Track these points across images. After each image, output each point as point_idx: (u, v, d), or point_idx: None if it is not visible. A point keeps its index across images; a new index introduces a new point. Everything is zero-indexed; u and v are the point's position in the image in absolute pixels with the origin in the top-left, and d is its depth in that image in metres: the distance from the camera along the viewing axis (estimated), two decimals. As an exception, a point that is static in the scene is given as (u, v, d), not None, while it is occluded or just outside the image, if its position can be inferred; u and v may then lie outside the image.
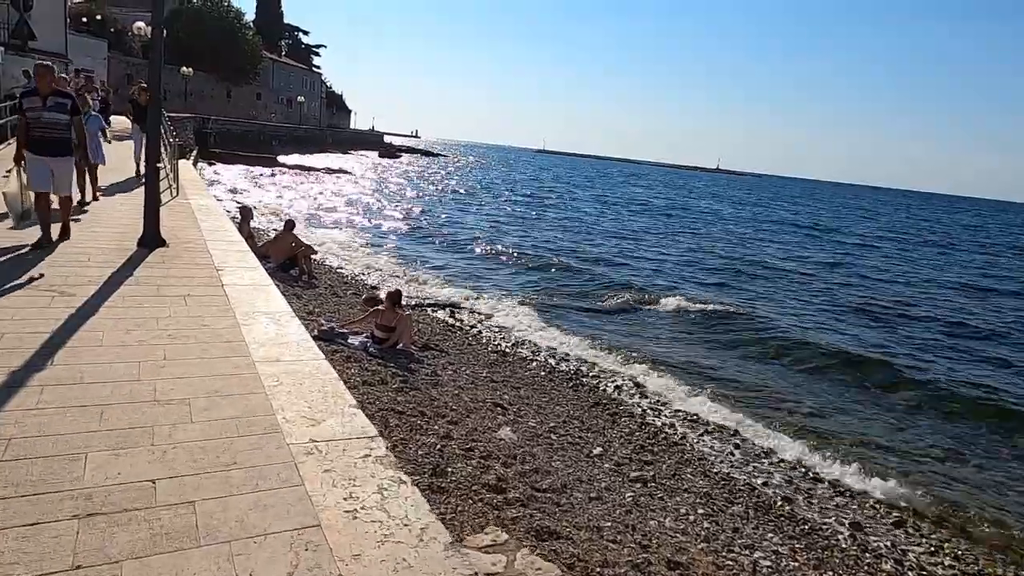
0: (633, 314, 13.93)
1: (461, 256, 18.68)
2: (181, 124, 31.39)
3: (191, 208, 10.25)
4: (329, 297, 10.74)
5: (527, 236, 24.36)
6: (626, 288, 16.01)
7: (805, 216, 56.49)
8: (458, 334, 10.40)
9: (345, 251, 17.20)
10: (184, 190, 12.17)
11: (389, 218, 26.23)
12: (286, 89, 78.24)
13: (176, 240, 7.63)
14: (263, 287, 6.09)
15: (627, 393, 8.70)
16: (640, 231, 31.21)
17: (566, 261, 19.11)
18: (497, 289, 14.62)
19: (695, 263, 22.06)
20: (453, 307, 12.46)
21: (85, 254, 6.48)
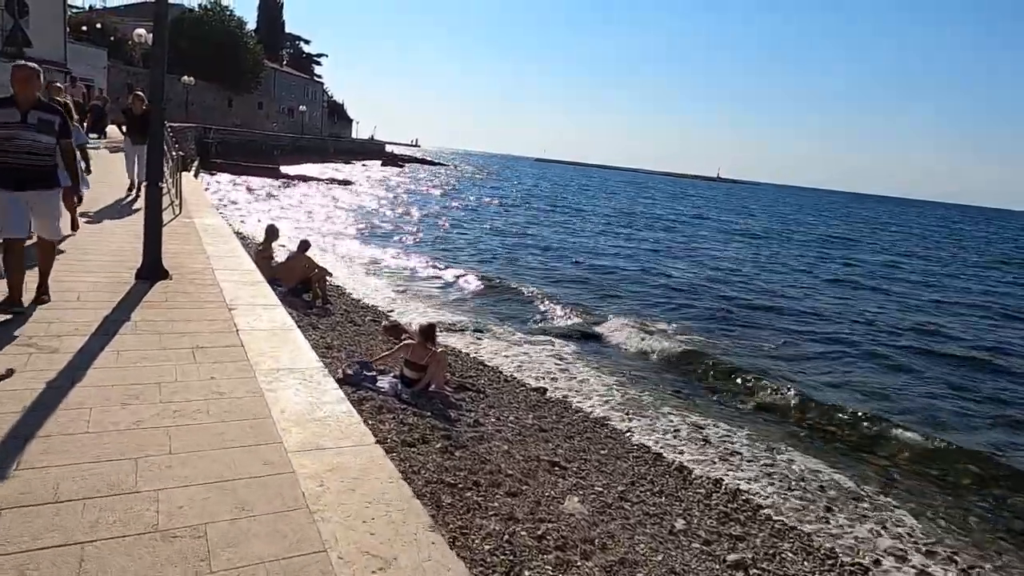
0: (677, 331, 12.89)
1: (478, 274, 17.62)
2: (183, 134, 30.53)
3: (196, 229, 9.28)
4: (347, 326, 9.75)
5: (547, 253, 23.06)
6: (670, 309, 15.09)
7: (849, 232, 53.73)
8: (489, 367, 9.40)
9: (357, 269, 16.23)
10: (188, 207, 11.23)
11: (399, 233, 25.09)
12: (288, 98, 77.56)
13: (180, 269, 6.66)
14: (285, 332, 5.10)
15: (689, 440, 7.69)
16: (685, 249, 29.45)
17: (597, 280, 18.02)
18: (521, 311, 13.61)
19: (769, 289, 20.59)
20: (478, 332, 11.47)
21: (73, 291, 5.49)
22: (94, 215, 9.07)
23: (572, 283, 17.25)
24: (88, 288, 5.65)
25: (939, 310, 19.08)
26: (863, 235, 50.78)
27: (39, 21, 33.96)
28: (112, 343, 4.38)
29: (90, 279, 5.95)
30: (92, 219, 8.70)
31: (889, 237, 51.97)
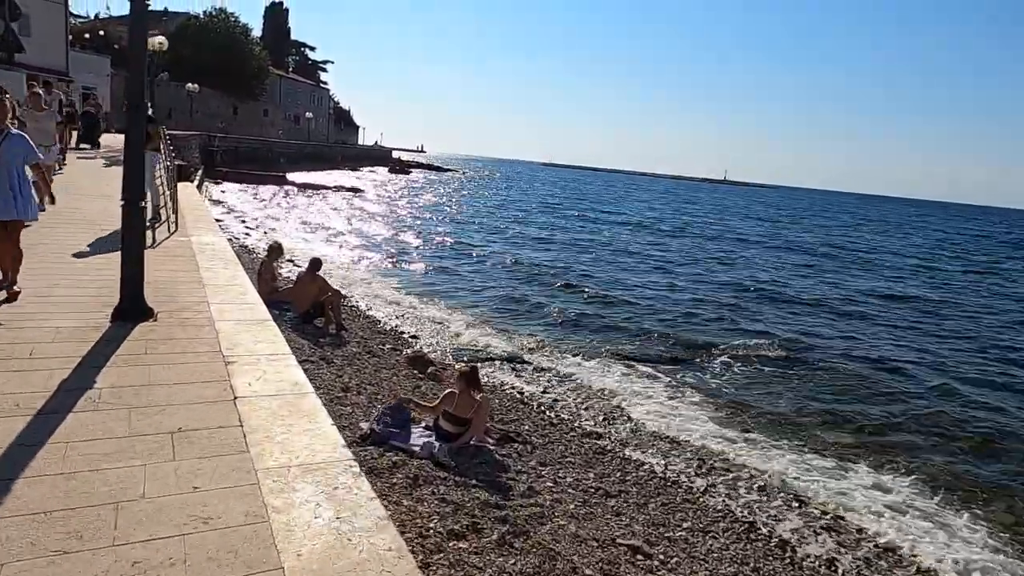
0: (743, 365, 11.41)
1: (500, 290, 16.30)
2: (187, 142, 29.51)
3: (192, 250, 8.10)
4: (365, 358, 8.54)
5: (572, 267, 21.23)
6: (720, 328, 13.75)
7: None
8: (532, 406, 8.17)
9: (371, 286, 15.03)
10: (185, 223, 10.07)
11: (412, 244, 23.79)
12: (293, 105, 76.76)
13: (169, 304, 5.46)
14: (298, 398, 3.89)
15: (784, 506, 6.42)
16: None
17: (626, 297, 16.59)
18: (557, 335, 12.33)
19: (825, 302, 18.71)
20: (512, 361, 10.22)
21: (28, 342, 4.31)
22: (87, 241, 7.88)
23: (611, 304, 15.74)
24: (48, 337, 4.46)
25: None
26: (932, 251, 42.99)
27: (41, 29, 33.16)
28: (61, 430, 3.18)
29: (55, 322, 4.75)
30: (81, 248, 7.50)
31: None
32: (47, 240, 7.58)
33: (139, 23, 4.67)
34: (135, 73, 4.78)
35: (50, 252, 7.04)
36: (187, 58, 52.44)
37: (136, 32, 4.67)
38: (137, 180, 4.86)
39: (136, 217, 4.90)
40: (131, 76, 4.81)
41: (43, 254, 6.89)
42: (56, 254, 7.00)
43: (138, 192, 4.90)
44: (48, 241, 7.54)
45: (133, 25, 4.62)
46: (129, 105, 4.74)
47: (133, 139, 4.82)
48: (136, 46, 4.67)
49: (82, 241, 7.79)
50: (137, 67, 4.80)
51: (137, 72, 4.76)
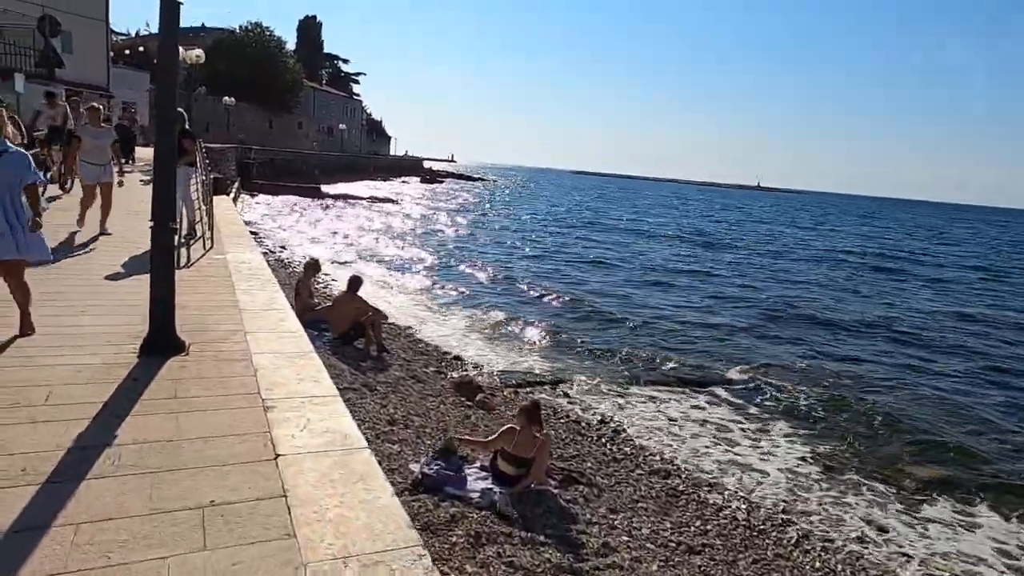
0: (816, 390, 10.37)
1: (545, 307, 15.63)
2: (223, 155, 29.60)
3: (228, 269, 7.63)
4: (409, 383, 7.96)
5: (621, 285, 19.99)
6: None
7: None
8: (590, 437, 7.49)
9: (409, 303, 14.50)
10: (221, 239, 9.65)
11: (449, 258, 23.03)
12: (327, 117, 77.50)
13: (203, 335, 4.95)
14: (348, 455, 3.29)
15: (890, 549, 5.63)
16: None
17: (682, 316, 15.62)
18: (607, 354, 11.59)
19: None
20: (560, 383, 9.56)
21: (46, 383, 3.81)
22: (120, 261, 7.47)
23: (666, 323, 14.80)
24: (69, 376, 3.95)
25: None
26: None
27: (83, 46, 33.74)
28: (71, 506, 2.63)
29: (77, 359, 4.26)
30: (113, 270, 7.07)
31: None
32: (78, 260, 7.20)
33: (170, 27, 4.16)
34: (165, 81, 4.28)
35: (79, 273, 6.63)
36: (224, 72, 53.16)
37: (166, 38, 4.17)
38: (167, 199, 4.35)
39: (166, 241, 4.38)
40: (160, 84, 4.31)
41: (72, 275, 6.49)
42: (85, 276, 6.57)
43: (168, 212, 4.39)
44: (79, 261, 7.17)
45: (163, 29, 4.11)
46: (158, 116, 4.23)
47: (163, 154, 4.31)
48: (167, 52, 4.17)
49: (114, 261, 7.36)
50: (167, 76, 4.30)
51: (167, 80, 4.27)
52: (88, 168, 8.77)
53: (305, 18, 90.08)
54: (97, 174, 8.75)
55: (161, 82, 4.36)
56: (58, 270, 6.70)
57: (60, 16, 25.47)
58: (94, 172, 8.74)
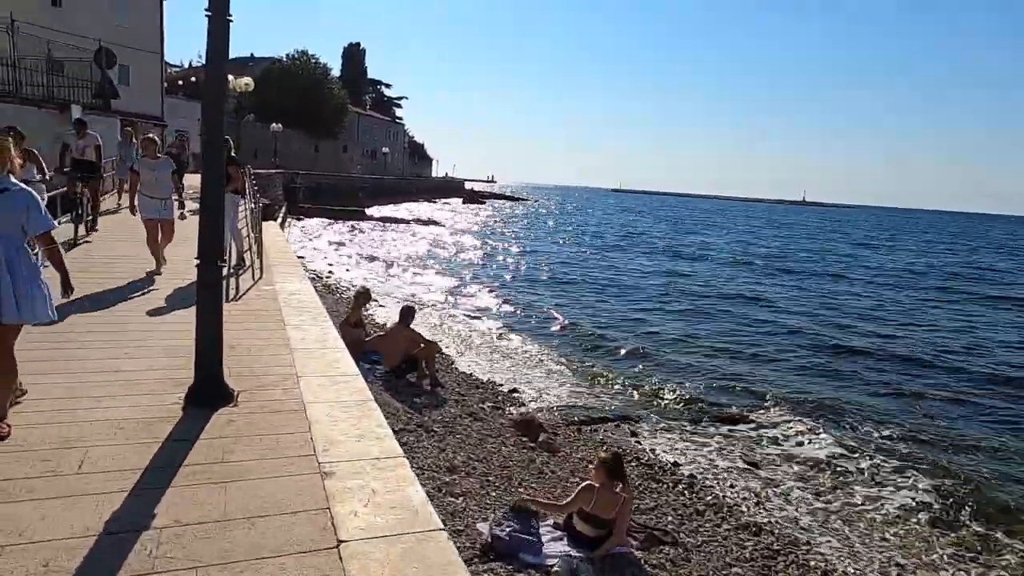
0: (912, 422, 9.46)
1: (600, 331, 14.96)
2: (270, 180, 29.99)
3: (278, 301, 7.27)
4: (467, 422, 7.43)
5: (679, 309, 18.91)
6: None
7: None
8: (666, 484, 6.81)
9: (459, 330, 14.01)
10: (270, 266, 9.36)
11: (497, 281, 22.48)
12: (371, 141, 78.71)
13: (252, 379, 4.53)
14: (426, 543, 2.75)
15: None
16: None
17: (748, 339, 14.77)
18: (667, 385, 10.85)
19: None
20: (626, 421, 8.88)
21: (81, 439, 3.40)
22: (164, 293, 7.19)
23: (731, 349, 13.94)
24: (107, 434, 3.54)
25: None
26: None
27: (139, 77, 34.89)
28: (96, 620, 2.15)
29: (117, 412, 3.85)
30: (158, 305, 6.77)
31: None
32: (123, 295, 6.92)
33: (218, 43, 3.78)
34: (211, 102, 3.90)
35: (123, 309, 6.32)
36: (272, 100, 54.45)
37: (215, 54, 3.78)
38: (214, 234, 3.94)
39: (213, 280, 3.97)
40: (207, 105, 3.92)
41: (115, 312, 6.18)
42: (128, 312, 6.26)
43: (216, 248, 3.98)
44: (123, 295, 6.87)
45: (212, 44, 3.73)
46: (205, 142, 3.83)
47: (210, 184, 3.91)
48: (215, 69, 3.78)
49: (159, 295, 7.08)
50: (214, 97, 3.92)
51: (214, 101, 3.88)
52: (147, 202, 8.12)
53: (349, 45, 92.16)
54: (156, 208, 8.10)
55: (208, 101, 3.95)
56: (103, 308, 6.43)
57: (118, 50, 26.22)
58: (153, 206, 8.09)
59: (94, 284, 7.29)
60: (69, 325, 5.61)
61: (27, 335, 5.11)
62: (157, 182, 8.03)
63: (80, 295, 6.49)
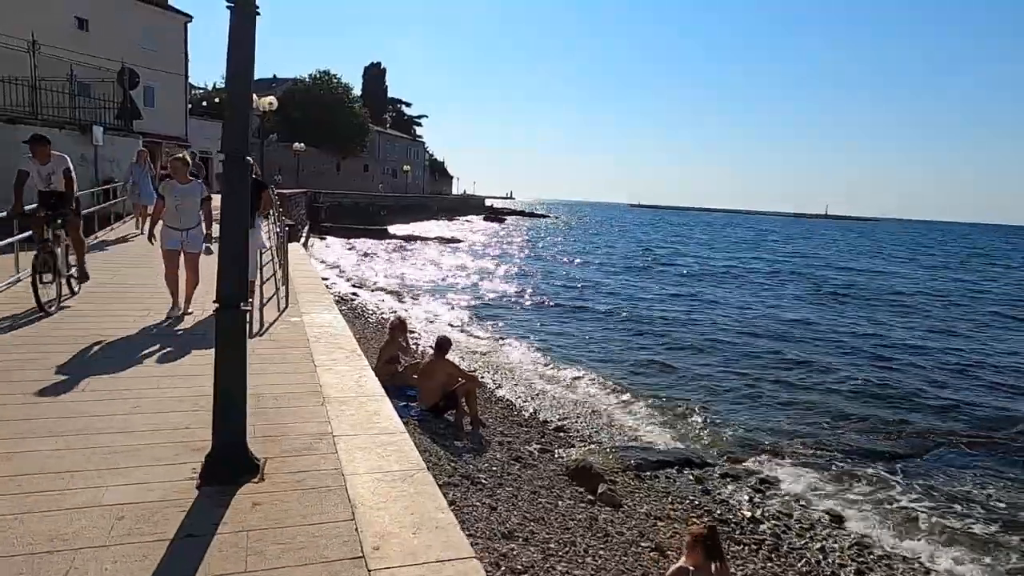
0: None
1: (644, 353, 14.03)
2: (293, 200, 29.65)
3: (307, 335, 6.56)
4: (515, 470, 6.62)
5: (728, 333, 17.28)
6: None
7: None
8: (747, 546, 5.92)
9: (493, 356, 13.22)
10: (295, 294, 8.70)
11: (526, 301, 21.45)
12: (392, 159, 78.84)
13: (281, 442, 3.80)
14: None
15: None
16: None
17: (818, 364, 13.59)
18: (728, 417, 9.96)
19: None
20: (689, 467, 7.99)
21: (69, 539, 2.66)
22: (184, 335, 6.50)
23: (796, 375, 12.69)
24: (100, 531, 2.80)
25: None
26: None
27: (163, 99, 35.02)
28: None
29: (116, 493, 3.12)
30: (176, 345, 6.08)
31: None
32: (135, 333, 6.23)
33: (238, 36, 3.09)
34: (235, 111, 3.19)
35: (134, 351, 5.63)
36: (295, 120, 54.66)
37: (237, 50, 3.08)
38: (236, 270, 3.21)
39: (234, 328, 3.24)
40: (229, 112, 3.22)
41: (125, 353, 5.48)
42: (140, 354, 5.57)
43: (238, 287, 3.25)
44: (135, 333, 6.18)
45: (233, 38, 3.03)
46: (227, 157, 3.13)
47: (231, 206, 3.19)
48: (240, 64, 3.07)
49: (178, 332, 6.40)
50: (237, 103, 3.21)
51: (237, 109, 3.17)
52: (170, 233, 6.99)
53: (370, 65, 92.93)
54: (180, 240, 6.97)
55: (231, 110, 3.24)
56: (110, 350, 5.76)
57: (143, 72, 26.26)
58: (176, 238, 6.97)
59: (96, 322, 6.66)
60: (69, 370, 4.94)
61: (17, 384, 4.43)
62: (179, 211, 6.92)
63: (82, 337, 5.89)
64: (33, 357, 5.26)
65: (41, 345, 5.64)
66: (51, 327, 6.41)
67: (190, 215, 6.97)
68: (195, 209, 6.98)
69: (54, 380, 4.72)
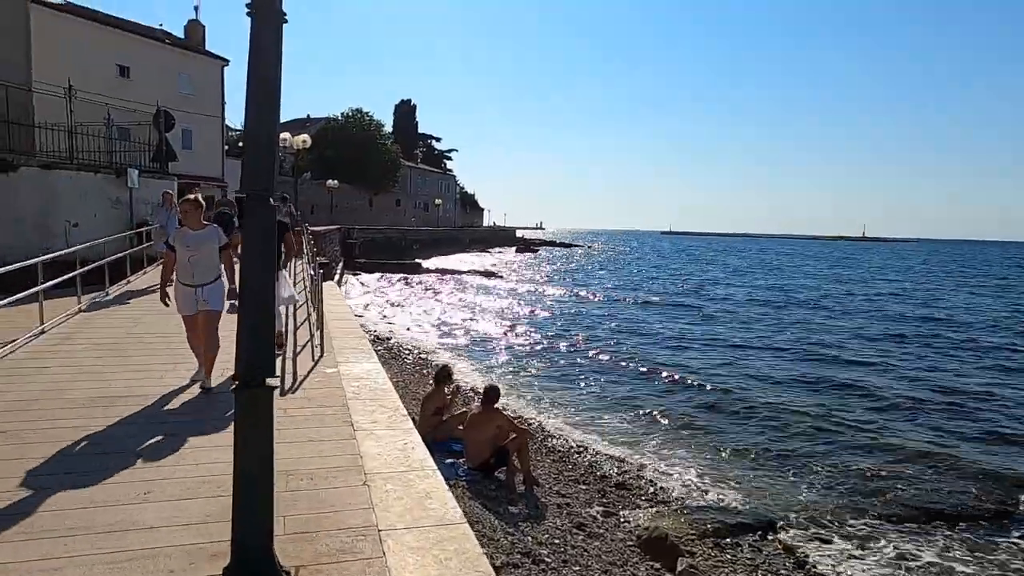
0: None
1: (705, 396, 12.96)
2: (327, 237, 29.55)
3: (344, 390, 5.90)
4: (581, 543, 5.80)
5: (801, 371, 15.43)
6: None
7: None
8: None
9: (539, 398, 12.40)
10: (330, 338, 8.10)
11: (570, 337, 20.11)
12: (423, 193, 79.37)
13: (315, 540, 3.11)
14: None
15: None
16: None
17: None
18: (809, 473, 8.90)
19: None
20: (774, 530, 7.04)
21: None
22: (210, 405, 5.84)
23: (881, 428, 11.10)
24: None
25: None
26: None
27: (201, 141, 35.64)
28: None
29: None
30: (198, 416, 5.45)
31: None
32: (147, 399, 5.57)
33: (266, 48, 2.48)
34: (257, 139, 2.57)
35: (147, 422, 4.99)
36: (328, 157, 55.42)
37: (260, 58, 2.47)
38: (260, 341, 2.55)
39: (258, 412, 2.57)
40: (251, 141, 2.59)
41: (136, 428, 4.80)
42: (153, 425, 4.95)
43: (262, 359, 2.58)
44: (148, 401, 5.45)
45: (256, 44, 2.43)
46: (248, 199, 2.50)
47: (253, 267, 2.55)
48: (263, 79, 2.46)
49: (195, 400, 5.72)
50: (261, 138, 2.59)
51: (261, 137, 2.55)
52: (183, 292, 5.80)
53: (401, 102, 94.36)
54: (194, 299, 5.79)
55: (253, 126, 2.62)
56: (122, 420, 5.18)
57: (182, 115, 26.63)
58: (191, 298, 5.79)
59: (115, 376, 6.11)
60: (75, 443, 4.34)
61: (15, 464, 3.73)
62: (192, 263, 5.72)
63: (98, 397, 5.30)
64: (40, 424, 4.70)
65: (51, 408, 5.08)
66: (69, 379, 5.89)
67: (207, 268, 5.79)
68: (212, 260, 5.82)
69: (58, 456, 4.12)
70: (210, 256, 5.79)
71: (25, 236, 12.36)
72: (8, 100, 12.96)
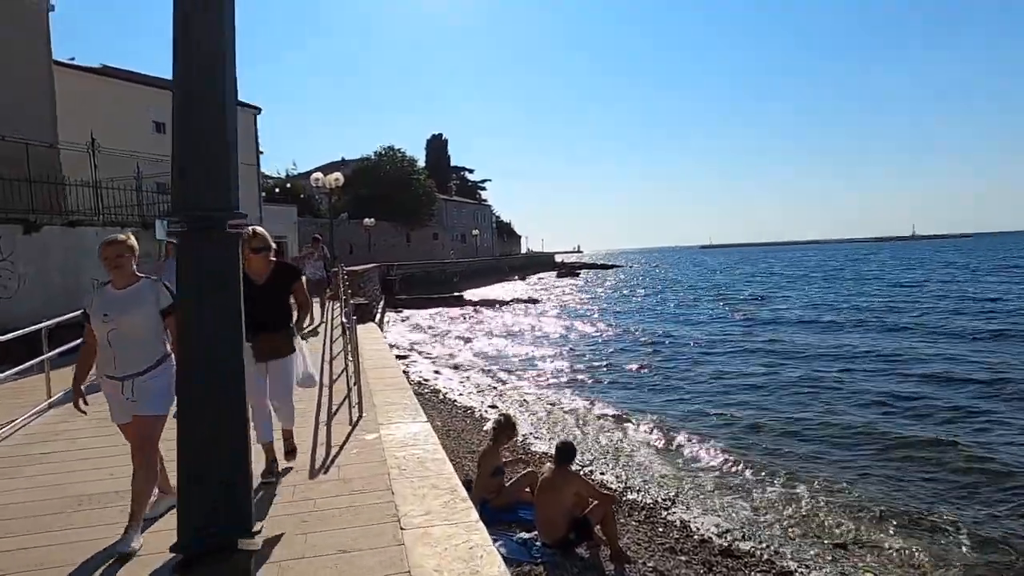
0: None
1: (811, 443, 10.55)
2: (367, 276, 28.85)
3: (386, 464, 4.78)
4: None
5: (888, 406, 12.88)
6: None
7: None
8: None
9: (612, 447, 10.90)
10: (370, 393, 7.04)
11: (634, 370, 17.71)
12: (460, 225, 79.16)
13: None
14: None
15: None
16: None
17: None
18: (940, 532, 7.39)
19: None
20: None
21: None
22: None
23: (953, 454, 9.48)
24: None
25: None
26: None
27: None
28: None
29: None
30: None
31: None
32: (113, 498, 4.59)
33: None
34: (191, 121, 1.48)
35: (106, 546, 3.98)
36: (363, 196, 55.55)
37: None
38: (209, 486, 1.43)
39: None
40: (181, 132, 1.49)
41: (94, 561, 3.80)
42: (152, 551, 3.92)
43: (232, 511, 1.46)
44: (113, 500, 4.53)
45: None
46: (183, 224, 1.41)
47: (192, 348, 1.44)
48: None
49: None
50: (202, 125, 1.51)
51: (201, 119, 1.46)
52: (109, 387, 3.75)
53: (432, 137, 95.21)
54: (125, 402, 3.71)
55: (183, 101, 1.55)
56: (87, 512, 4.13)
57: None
58: (117, 398, 3.73)
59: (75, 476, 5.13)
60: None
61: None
62: (113, 342, 3.65)
63: (54, 504, 4.16)
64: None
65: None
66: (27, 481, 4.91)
67: (137, 346, 3.68)
68: (148, 332, 3.71)
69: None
70: (144, 327, 3.69)
71: (54, 298, 11.79)
72: (30, 159, 12.53)
